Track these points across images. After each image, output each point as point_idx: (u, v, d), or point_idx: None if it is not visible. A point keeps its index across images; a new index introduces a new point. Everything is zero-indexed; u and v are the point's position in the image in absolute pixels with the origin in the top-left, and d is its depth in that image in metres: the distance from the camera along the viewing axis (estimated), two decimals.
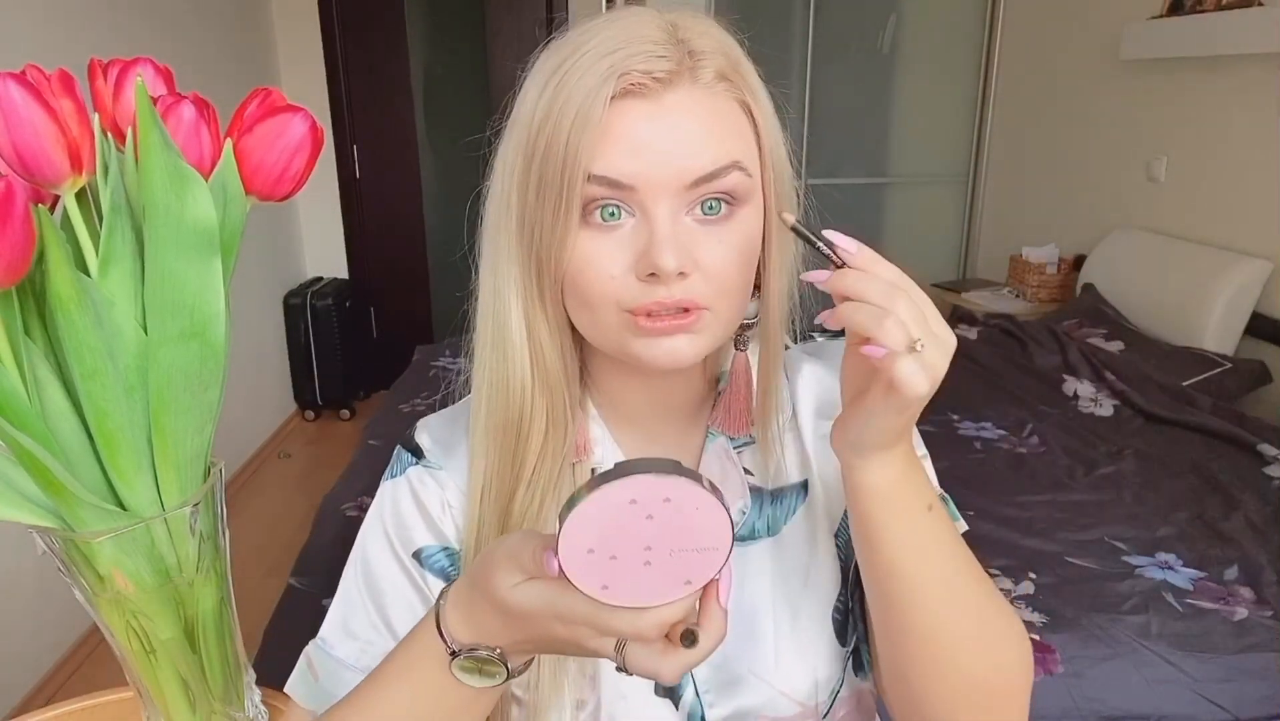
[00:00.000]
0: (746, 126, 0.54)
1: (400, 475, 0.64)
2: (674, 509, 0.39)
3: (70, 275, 0.44)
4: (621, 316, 0.52)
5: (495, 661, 0.46)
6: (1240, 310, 2.41)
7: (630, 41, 0.50)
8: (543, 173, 0.51)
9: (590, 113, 0.49)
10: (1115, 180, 3.02)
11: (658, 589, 0.40)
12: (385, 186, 3.99)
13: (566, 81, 0.50)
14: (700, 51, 0.51)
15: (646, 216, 0.51)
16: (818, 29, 3.66)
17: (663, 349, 0.53)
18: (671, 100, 0.50)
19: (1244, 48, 2.40)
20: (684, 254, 0.50)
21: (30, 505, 0.49)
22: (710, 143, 0.51)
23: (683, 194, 0.51)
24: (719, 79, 0.52)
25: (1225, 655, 1.37)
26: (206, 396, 0.50)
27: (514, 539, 0.45)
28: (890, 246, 4.05)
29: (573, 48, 0.51)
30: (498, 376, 0.58)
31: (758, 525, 0.63)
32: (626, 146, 0.50)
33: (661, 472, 0.39)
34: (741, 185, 0.52)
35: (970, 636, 0.54)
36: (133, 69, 0.48)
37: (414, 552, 0.62)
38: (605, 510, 0.39)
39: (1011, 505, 1.82)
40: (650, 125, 0.50)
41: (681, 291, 0.51)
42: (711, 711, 0.61)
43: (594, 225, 0.52)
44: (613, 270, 0.52)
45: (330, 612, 0.63)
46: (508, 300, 0.56)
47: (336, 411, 3.89)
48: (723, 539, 0.40)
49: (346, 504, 1.82)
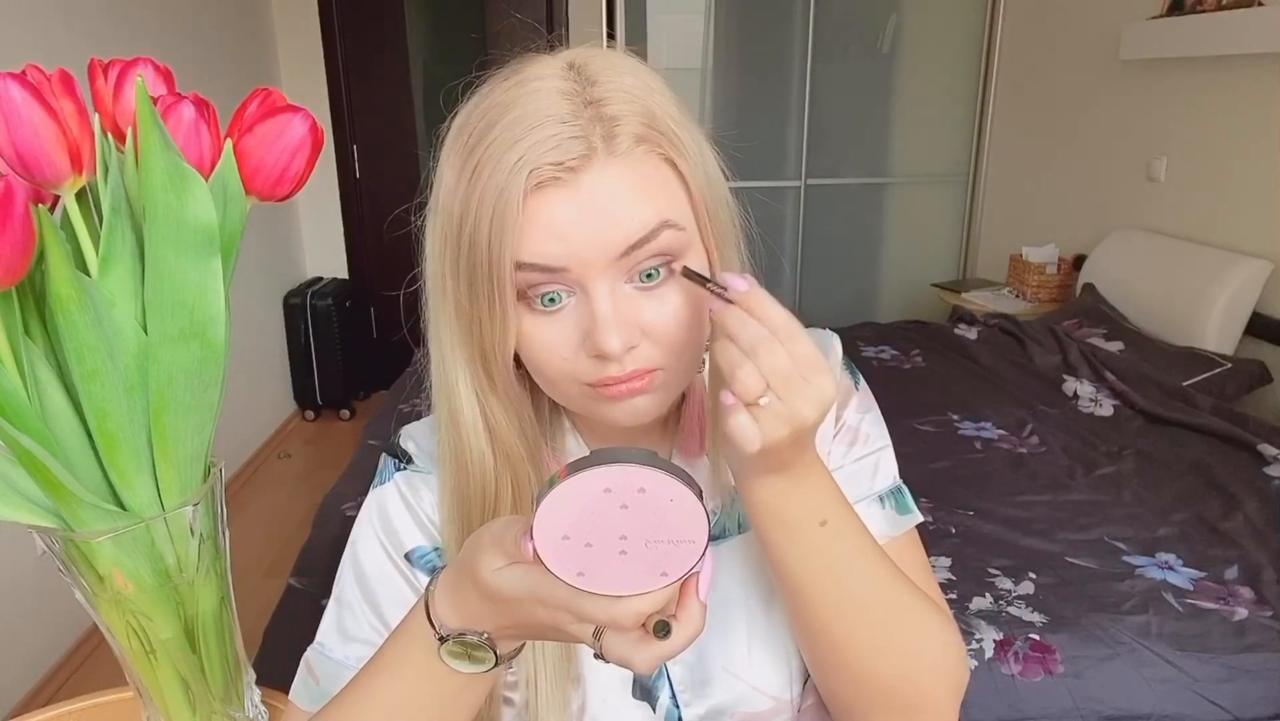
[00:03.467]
0: (672, 179, 0.52)
1: (388, 481, 0.64)
2: (649, 500, 0.39)
3: (70, 275, 0.44)
4: (582, 388, 0.53)
5: (484, 646, 0.47)
6: (1240, 310, 2.41)
7: (538, 125, 0.48)
8: (471, 270, 0.51)
9: (506, 210, 0.48)
10: (1115, 180, 3.02)
11: (634, 579, 0.40)
12: (385, 186, 3.99)
13: (480, 175, 0.49)
14: (613, 117, 0.49)
15: (585, 294, 0.50)
16: (818, 29, 3.66)
17: (625, 410, 0.53)
18: (589, 181, 0.49)
19: (1244, 48, 2.39)
20: (628, 329, 0.50)
21: (30, 505, 0.49)
22: (635, 210, 0.49)
23: (616, 265, 0.50)
24: (637, 143, 0.50)
25: (1225, 655, 1.37)
26: (206, 396, 0.50)
27: (499, 524, 0.46)
28: (890, 246, 4.06)
29: (481, 132, 0.50)
30: (457, 454, 0.57)
31: (728, 524, 0.64)
32: (549, 233, 0.49)
33: (636, 463, 0.39)
34: (675, 242, 0.51)
35: (873, 645, 0.55)
36: (133, 69, 0.48)
37: (405, 554, 0.62)
38: (579, 497, 0.39)
39: (1011, 505, 1.82)
40: (571, 209, 0.49)
41: (633, 362, 0.51)
42: (688, 710, 0.62)
43: (537, 311, 0.51)
44: (563, 352, 0.52)
45: (326, 617, 0.63)
46: (457, 385, 0.56)
47: (336, 411, 3.89)
48: (698, 532, 0.40)
49: (346, 504, 1.82)
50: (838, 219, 3.91)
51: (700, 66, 3.85)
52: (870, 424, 0.66)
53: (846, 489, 0.63)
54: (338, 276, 4.06)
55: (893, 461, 0.66)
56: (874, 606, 0.55)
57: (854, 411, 0.66)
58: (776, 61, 3.76)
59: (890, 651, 0.55)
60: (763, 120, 3.84)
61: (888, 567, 0.56)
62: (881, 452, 0.66)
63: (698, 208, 0.53)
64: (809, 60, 3.68)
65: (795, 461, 0.49)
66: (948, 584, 1.51)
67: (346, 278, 4.07)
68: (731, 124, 3.86)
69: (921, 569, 0.64)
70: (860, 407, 0.66)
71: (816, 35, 3.66)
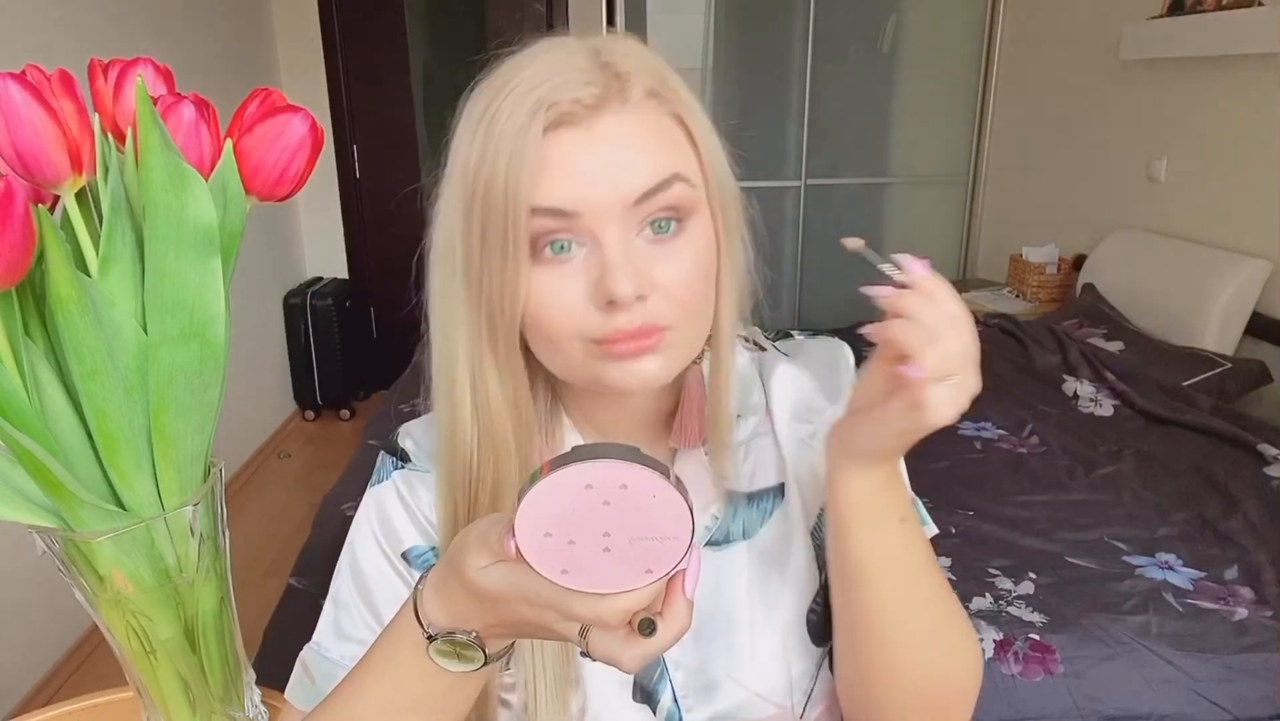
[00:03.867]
0: (683, 138, 0.54)
1: (386, 480, 0.64)
2: (631, 496, 0.39)
3: (70, 275, 0.44)
4: (587, 347, 0.52)
5: (472, 645, 0.46)
6: (1240, 310, 2.41)
7: (556, 73, 0.50)
8: (485, 216, 0.51)
9: (524, 149, 0.49)
10: (1115, 180, 3.02)
11: (619, 576, 0.40)
12: (385, 186, 3.99)
13: (497, 120, 0.50)
14: (626, 73, 0.51)
15: (597, 244, 0.50)
16: (818, 29, 3.65)
17: (631, 372, 0.53)
18: (603, 124, 0.50)
19: (1244, 48, 2.39)
20: (640, 277, 0.50)
21: (30, 505, 0.49)
22: (648, 158, 0.51)
23: (629, 214, 0.51)
24: (648, 96, 0.52)
25: (1225, 655, 1.37)
26: (206, 396, 0.50)
27: (485, 522, 0.45)
28: (890, 246, 4.02)
29: (499, 87, 0.51)
30: (449, 431, 0.58)
31: (733, 529, 0.64)
32: (565, 175, 0.50)
33: (618, 459, 0.38)
34: (686, 197, 0.52)
35: (924, 646, 0.56)
36: (133, 69, 0.48)
37: (403, 553, 0.62)
38: (560, 494, 0.39)
39: (1011, 505, 1.82)
40: (586, 151, 0.50)
41: (642, 316, 0.51)
42: (690, 716, 0.61)
43: (545, 261, 0.51)
44: (571, 303, 0.51)
45: (323, 617, 0.63)
46: (456, 357, 0.56)
47: (336, 411, 3.89)
48: (682, 528, 0.39)
49: (346, 504, 1.82)
50: (838, 219, 3.91)
51: (700, 66, 3.85)
52: None
53: None
54: (338, 276, 4.06)
55: (905, 477, 0.66)
56: (930, 604, 0.56)
57: None
58: (776, 61, 3.76)
59: (935, 650, 0.57)
60: (763, 120, 3.83)
61: (939, 569, 0.57)
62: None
63: (706, 172, 0.54)
64: (809, 60, 3.68)
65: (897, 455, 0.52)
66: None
67: (346, 278, 4.07)
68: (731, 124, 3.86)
69: None
70: None
71: (816, 35, 3.66)
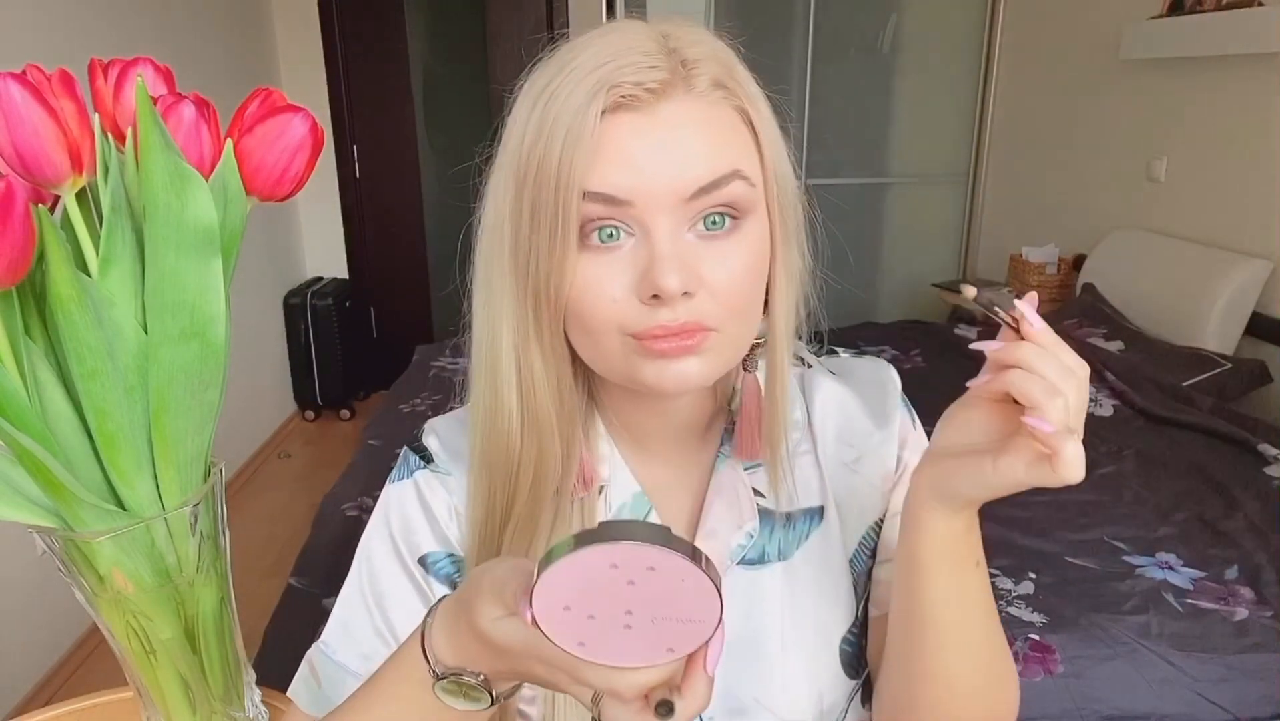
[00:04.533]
0: (746, 134, 0.51)
1: (407, 478, 0.63)
2: (659, 578, 0.37)
3: (70, 275, 0.44)
4: (625, 341, 0.50)
5: (479, 687, 0.45)
6: (1240, 310, 2.41)
7: (620, 54, 0.48)
8: (536, 196, 0.49)
9: (581, 130, 0.47)
10: (1115, 180, 3.02)
11: (638, 652, 0.38)
12: (385, 186, 3.99)
13: (555, 99, 0.48)
14: (693, 60, 0.49)
15: (646, 235, 0.49)
16: (818, 29, 3.65)
17: (670, 373, 0.50)
18: (666, 111, 0.48)
19: (1244, 48, 2.39)
20: (688, 272, 0.48)
21: (30, 505, 0.49)
22: (709, 152, 0.49)
23: (683, 207, 0.49)
24: (714, 87, 0.50)
25: (1225, 655, 1.37)
26: (206, 396, 0.50)
27: (502, 569, 0.44)
28: (890, 246, 4.05)
29: (560, 64, 0.50)
30: (490, 412, 0.56)
31: (768, 549, 0.62)
32: (621, 161, 0.48)
33: (647, 541, 0.36)
34: (744, 196, 0.50)
35: (981, 686, 0.56)
36: (133, 69, 0.48)
37: (419, 558, 0.61)
38: (583, 571, 0.37)
39: (1011, 505, 1.80)
40: (645, 138, 0.48)
41: (687, 313, 0.49)
42: None
43: (592, 248, 0.50)
44: (614, 293, 0.49)
45: (333, 615, 0.62)
46: (500, 336, 0.54)
47: (336, 411, 3.89)
48: (710, 613, 0.37)
49: (346, 504, 1.81)
50: (837, 219, 3.90)
51: None
52: None
53: None
54: (338, 276, 4.06)
55: None
56: (989, 648, 0.55)
57: (912, 452, 0.64)
58: (776, 61, 3.75)
59: (988, 694, 0.56)
60: None
61: (995, 609, 0.56)
62: None
63: (767, 171, 0.52)
64: (809, 60, 3.68)
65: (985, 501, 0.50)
66: None
67: (346, 278, 4.07)
68: None
69: None
70: (917, 448, 0.65)
71: (816, 35, 3.66)
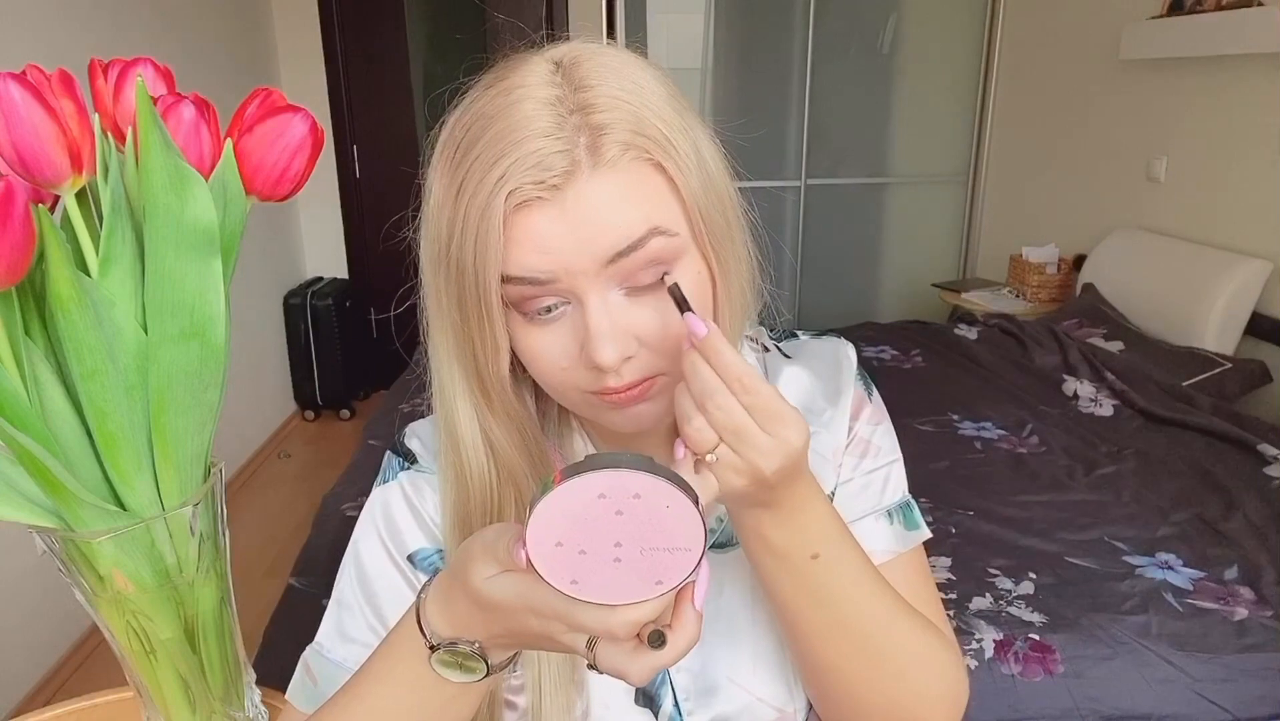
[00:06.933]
0: (661, 185, 0.50)
1: (392, 480, 0.64)
2: (644, 505, 0.38)
3: (70, 275, 0.44)
4: (583, 395, 0.53)
5: (475, 656, 0.46)
6: (1240, 310, 2.41)
7: (520, 140, 0.47)
8: (460, 287, 0.50)
9: (489, 231, 0.48)
10: (1115, 180, 3.02)
11: (628, 587, 0.39)
12: (385, 186, 3.99)
13: (464, 193, 0.49)
14: (600, 125, 0.48)
15: (580, 303, 0.50)
16: (818, 29, 3.65)
17: (627, 417, 0.53)
18: (573, 194, 0.47)
19: (1244, 48, 2.39)
20: (623, 340, 0.49)
21: (30, 505, 0.49)
22: (622, 217, 0.48)
23: (606, 271, 0.49)
24: (624, 150, 0.48)
25: (1225, 655, 1.37)
26: (206, 396, 0.50)
27: (491, 531, 0.45)
28: (890, 246, 4.05)
29: (466, 146, 0.49)
30: (458, 471, 0.57)
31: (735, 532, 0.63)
32: (533, 246, 0.48)
33: (632, 468, 0.38)
34: (665, 248, 0.49)
35: (869, 675, 0.55)
36: (133, 69, 0.48)
37: (408, 556, 0.62)
38: (573, 503, 0.38)
39: (1011, 505, 1.82)
40: (555, 224, 0.48)
41: (631, 373, 0.51)
42: (690, 719, 0.61)
43: (535, 321, 0.51)
44: (561, 361, 0.51)
45: (326, 617, 0.63)
46: (455, 404, 0.56)
47: (336, 411, 3.89)
48: (695, 539, 0.39)
49: (346, 504, 1.82)
50: (838, 219, 3.91)
51: (700, 66, 3.85)
52: (882, 436, 0.66)
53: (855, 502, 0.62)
54: (338, 276, 4.06)
55: (903, 476, 0.66)
56: (870, 636, 0.55)
57: (866, 423, 0.65)
58: (776, 61, 3.76)
59: (886, 681, 0.55)
60: (763, 120, 3.83)
61: (887, 597, 0.55)
62: (892, 466, 0.65)
63: (691, 213, 0.51)
64: (809, 60, 3.68)
65: (782, 499, 0.49)
66: (947, 584, 1.51)
67: (346, 278, 4.07)
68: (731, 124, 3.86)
69: (925, 585, 0.63)
70: (872, 420, 0.66)
71: (816, 35, 3.66)
